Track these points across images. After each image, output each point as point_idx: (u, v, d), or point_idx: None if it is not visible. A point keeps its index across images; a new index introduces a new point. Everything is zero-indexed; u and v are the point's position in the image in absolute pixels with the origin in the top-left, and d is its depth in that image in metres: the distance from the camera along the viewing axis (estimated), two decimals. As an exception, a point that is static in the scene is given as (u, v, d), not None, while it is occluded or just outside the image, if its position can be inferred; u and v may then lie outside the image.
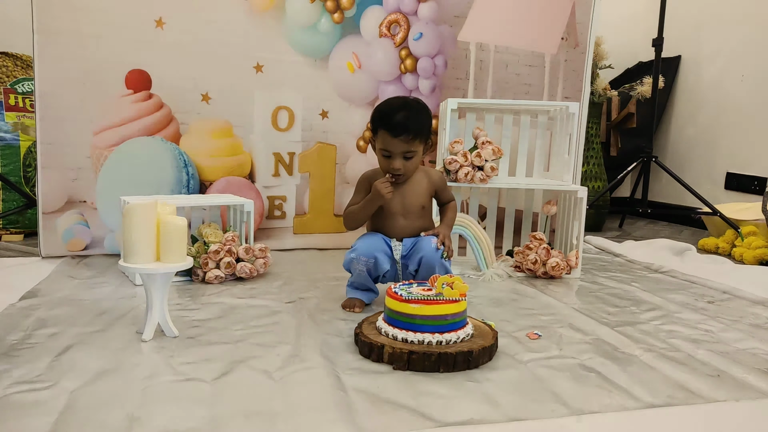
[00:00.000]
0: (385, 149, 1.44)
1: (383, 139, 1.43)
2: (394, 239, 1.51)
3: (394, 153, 1.43)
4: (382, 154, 1.46)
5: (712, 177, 3.23)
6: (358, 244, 1.48)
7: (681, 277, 2.00)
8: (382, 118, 1.44)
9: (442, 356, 1.12)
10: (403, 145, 1.42)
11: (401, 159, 1.44)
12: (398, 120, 1.41)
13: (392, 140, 1.42)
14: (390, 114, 1.42)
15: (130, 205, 1.19)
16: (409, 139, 1.42)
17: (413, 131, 1.42)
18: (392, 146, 1.42)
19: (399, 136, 1.41)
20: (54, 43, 1.84)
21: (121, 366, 1.09)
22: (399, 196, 1.49)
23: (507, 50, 2.39)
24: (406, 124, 1.41)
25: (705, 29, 3.31)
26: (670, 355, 1.25)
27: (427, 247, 1.45)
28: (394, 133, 1.41)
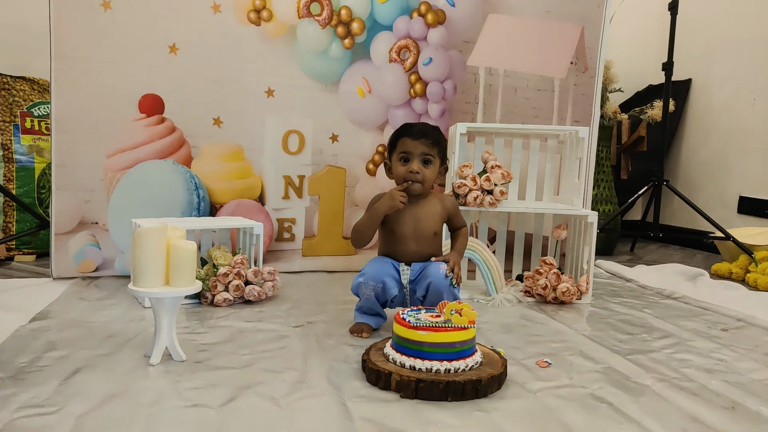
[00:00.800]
0: (404, 152, 1.47)
1: (403, 144, 1.48)
2: (403, 264, 1.50)
3: (413, 155, 1.46)
4: (400, 159, 1.48)
5: (724, 201, 3.21)
6: (366, 268, 1.48)
7: (694, 303, 1.97)
8: (403, 128, 1.51)
9: (450, 385, 1.10)
10: (423, 147, 1.46)
11: (420, 162, 1.47)
12: (418, 127, 1.49)
13: (412, 142, 1.46)
14: (410, 125, 1.51)
15: (141, 230, 1.20)
16: (429, 143, 1.47)
17: (432, 138, 1.48)
18: (412, 147, 1.46)
19: (419, 139, 1.46)
20: (70, 68, 1.88)
21: (128, 390, 1.09)
22: (412, 219, 1.49)
23: (516, 75, 2.41)
24: (426, 130, 1.48)
25: (715, 53, 3.32)
26: (683, 385, 1.23)
27: (435, 272, 1.45)
28: (414, 136, 1.46)
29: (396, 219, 1.49)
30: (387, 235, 1.52)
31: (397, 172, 1.50)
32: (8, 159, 2.33)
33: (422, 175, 1.47)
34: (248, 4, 2.07)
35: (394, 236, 1.50)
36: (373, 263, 1.49)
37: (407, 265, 1.50)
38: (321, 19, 2.14)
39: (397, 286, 1.48)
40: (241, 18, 2.07)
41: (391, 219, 1.49)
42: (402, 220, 1.49)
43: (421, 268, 1.49)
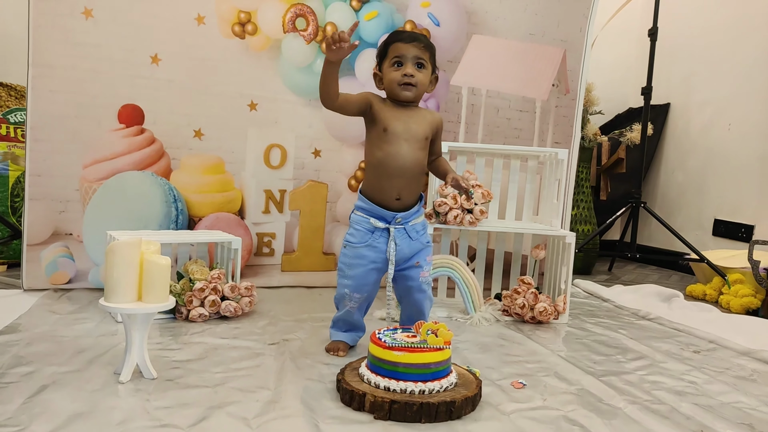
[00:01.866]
0: (397, 56, 1.42)
1: (395, 48, 1.43)
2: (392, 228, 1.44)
3: (407, 58, 1.42)
4: (393, 64, 1.43)
5: (700, 223, 3.26)
6: (350, 272, 1.44)
7: (668, 324, 1.99)
8: (393, 34, 1.47)
9: (424, 406, 1.10)
10: (416, 51, 1.42)
11: (413, 66, 1.42)
12: (409, 32, 1.46)
13: (405, 46, 1.42)
14: (400, 31, 1.48)
15: (114, 243, 1.18)
16: (422, 46, 1.43)
17: (424, 41, 1.45)
18: (405, 50, 1.42)
19: (411, 42, 1.43)
20: (49, 76, 1.86)
21: (95, 409, 1.06)
22: (403, 121, 1.44)
23: (498, 95, 2.43)
24: (418, 35, 1.46)
25: (693, 78, 3.39)
26: (654, 407, 1.24)
27: (415, 276, 1.47)
28: (406, 40, 1.43)
29: (389, 116, 1.43)
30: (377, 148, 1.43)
31: (390, 77, 1.43)
32: (-18, 166, 2.29)
33: (416, 78, 1.43)
34: (233, 17, 2.07)
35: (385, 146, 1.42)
36: (358, 266, 1.44)
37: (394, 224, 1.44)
38: (306, 35, 2.14)
39: (379, 278, 1.47)
40: (226, 31, 2.07)
41: (383, 116, 1.43)
42: (395, 117, 1.43)
43: (404, 265, 1.46)
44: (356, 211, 1.48)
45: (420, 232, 1.48)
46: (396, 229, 1.44)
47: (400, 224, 1.45)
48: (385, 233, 1.44)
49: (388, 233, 1.44)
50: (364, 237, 1.44)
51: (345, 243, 1.47)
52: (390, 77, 1.43)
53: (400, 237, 1.44)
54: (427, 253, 1.50)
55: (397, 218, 1.44)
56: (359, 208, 1.47)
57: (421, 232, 1.49)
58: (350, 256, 1.45)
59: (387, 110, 1.44)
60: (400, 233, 1.44)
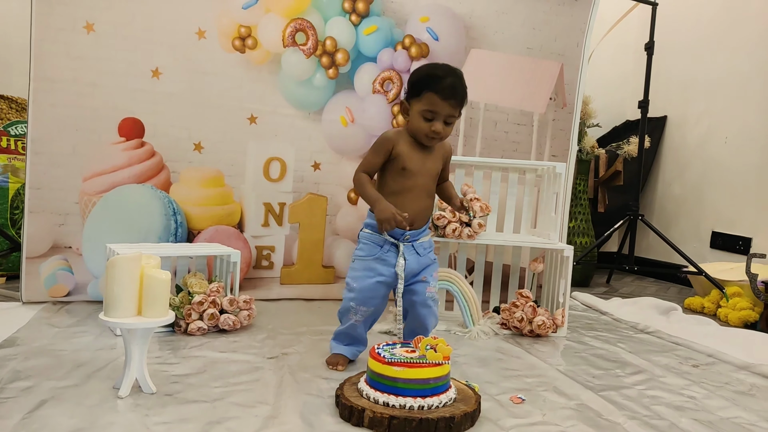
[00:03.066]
0: (430, 110, 1.41)
1: (430, 100, 1.40)
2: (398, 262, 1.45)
3: (439, 115, 1.41)
4: (423, 116, 1.42)
5: (698, 235, 3.27)
6: (356, 285, 1.45)
7: (667, 338, 2.00)
8: (433, 79, 1.41)
9: (423, 422, 1.10)
10: (449, 109, 1.41)
11: (443, 123, 1.43)
12: (449, 83, 1.40)
13: (441, 102, 1.40)
14: (442, 77, 1.41)
15: (114, 258, 1.18)
16: (456, 104, 1.42)
17: (460, 97, 1.43)
18: (439, 108, 1.40)
19: (448, 100, 1.40)
20: (50, 90, 1.87)
21: (94, 425, 1.06)
22: (421, 159, 1.47)
23: (496, 108, 2.45)
24: (456, 89, 1.41)
25: (690, 91, 3.41)
26: (653, 423, 1.24)
27: (421, 290, 1.48)
28: (444, 95, 1.40)
29: (408, 155, 1.46)
30: (393, 181, 1.46)
31: (417, 125, 1.44)
32: (-18, 178, 2.30)
33: (443, 133, 1.44)
34: (233, 32, 2.09)
35: (402, 180, 1.46)
36: (364, 279, 1.45)
37: (403, 242, 1.46)
38: (306, 49, 2.16)
39: (387, 292, 1.48)
40: (226, 45, 2.09)
41: (403, 155, 1.45)
42: (413, 156, 1.46)
43: (411, 279, 1.47)
44: (365, 229, 1.50)
45: (427, 249, 1.52)
46: (405, 246, 1.47)
47: (409, 241, 1.47)
48: (394, 248, 1.47)
49: (397, 249, 1.46)
50: (374, 250, 1.47)
51: (354, 258, 1.49)
52: (418, 126, 1.45)
53: (408, 253, 1.47)
54: (434, 269, 1.53)
55: (406, 235, 1.46)
56: (369, 226, 1.49)
57: (428, 249, 1.52)
58: (358, 269, 1.47)
59: (406, 149, 1.47)
60: (408, 249, 1.47)
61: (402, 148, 1.47)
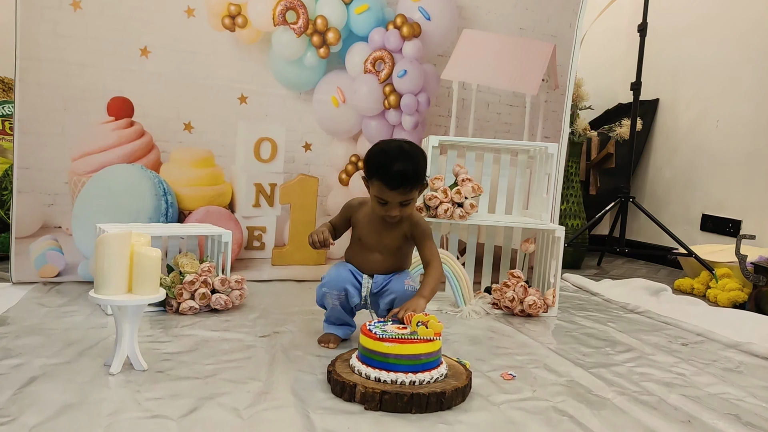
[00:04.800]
0: (380, 198, 1.38)
1: (379, 189, 1.36)
2: (366, 276, 1.49)
3: (391, 203, 1.38)
4: (377, 201, 1.39)
5: (688, 218, 3.29)
6: (326, 276, 1.48)
7: (656, 318, 2.01)
8: (379, 169, 1.35)
9: (415, 397, 1.10)
10: (400, 197, 1.36)
11: (398, 207, 1.38)
12: (396, 171, 1.33)
13: (389, 192, 1.35)
14: (387, 165, 1.34)
15: (104, 236, 1.17)
16: (406, 191, 1.36)
17: (411, 182, 1.36)
18: (389, 197, 1.36)
19: (397, 189, 1.35)
20: (36, 69, 1.84)
21: (85, 401, 1.06)
22: (376, 233, 1.47)
23: (489, 90, 2.44)
24: (405, 175, 1.34)
25: (682, 75, 3.42)
26: (642, 399, 1.25)
27: (398, 288, 1.44)
28: (392, 185, 1.34)
29: (364, 229, 1.48)
30: (354, 242, 1.52)
31: (375, 208, 1.42)
32: (-31, 159, 2.27)
33: (401, 215, 1.41)
34: (223, 10, 2.06)
35: (360, 243, 1.50)
36: (333, 270, 1.50)
37: (370, 277, 1.49)
38: (296, 28, 2.14)
39: (359, 295, 1.48)
40: (216, 23, 2.06)
41: (359, 227, 1.49)
42: (369, 230, 1.48)
43: (384, 282, 1.47)
44: None
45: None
46: None
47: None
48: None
49: None
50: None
51: None
52: (375, 208, 1.42)
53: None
54: (407, 272, 1.52)
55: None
56: None
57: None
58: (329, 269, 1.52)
59: (364, 220, 1.49)
60: None
61: (360, 218, 1.49)
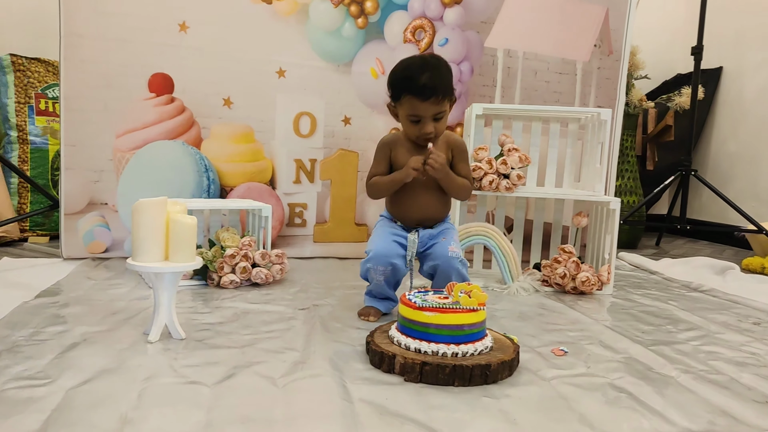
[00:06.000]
0: (413, 114, 1.35)
1: (411, 104, 1.34)
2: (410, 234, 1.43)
3: (425, 117, 1.35)
4: (409, 120, 1.37)
5: (756, 193, 3.07)
6: (372, 247, 1.42)
7: (723, 296, 1.87)
8: (407, 82, 1.34)
9: (457, 369, 1.04)
10: (434, 108, 1.34)
11: (432, 122, 1.36)
12: (425, 82, 1.31)
13: (421, 104, 1.33)
14: (415, 77, 1.32)
15: (139, 202, 1.16)
16: (439, 100, 1.34)
17: (441, 91, 1.33)
18: (422, 110, 1.34)
19: (428, 99, 1.33)
20: (79, 46, 1.85)
21: (122, 366, 1.05)
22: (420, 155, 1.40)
23: (536, 57, 2.32)
24: (434, 85, 1.32)
25: (747, 40, 3.18)
26: (710, 377, 1.15)
27: (442, 253, 1.40)
28: (423, 96, 1.32)
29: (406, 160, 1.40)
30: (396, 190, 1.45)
31: (408, 130, 1.39)
32: (23, 140, 2.33)
33: (436, 131, 1.38)
34: (261, -17, 2.03)
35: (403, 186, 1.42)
36: (378, 241, 1.43)
37: (415, 232, 1.44)
38: (335, -1, 2.08)
39: (404, 264, 1.43)
40: (253, -4, 2.03)
41: (400, 161, 1.42)
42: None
43: (429, 242, 1.43)
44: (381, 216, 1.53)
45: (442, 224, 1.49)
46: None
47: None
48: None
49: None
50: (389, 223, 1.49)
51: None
52: (408, 130, 1.39)
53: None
54: (453, 233, 1.47)
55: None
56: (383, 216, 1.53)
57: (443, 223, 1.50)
58: (374, 235, 1.46)
59: (402, 152, 1.43)
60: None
61: (399, 153, 1.42)
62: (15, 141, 2.32)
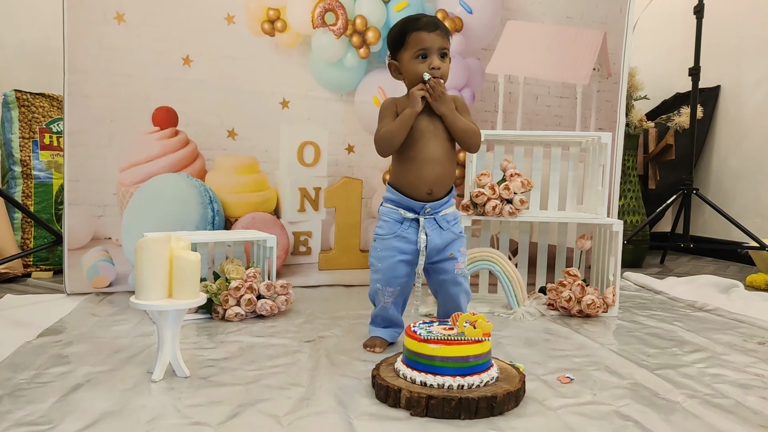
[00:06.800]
0: (421, 48, 1.37)
1: (417, 39, 1.37)
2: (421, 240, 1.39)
3: (432, 49, 1.37)
4: (417, 55, 1.37)
5: (759, 210, 3.07)
6: (380, 267, 1.40)
7: (728, 315, 1.86)
8: (410, 22, 1.39)
9: (463, 401, 1.04)
10: (440, 40, 1.38)
11: (438, 57, 1.38)
12: (428, 19, 1.39)
13: (428, 35, 1.37)
14: (418, 18, 1.40)
15: (143, 240, 1.17)
16: (442, 33, 1.39)
17: (444, 28, 1.40)
18: (430, 41, 1.37)
19: (434, 31, 1.37)
20: (84, 81, 1.88)
21: (126, 407, 1.05)
22: (426, 117, 1.39)
23: (537, 82, 2.34)
24: (437, 21, 1.40)
25: (744, 58, 3.20)
26: (716, 402, 1.14)
27: (450, 269, 1.41)
28: (428, 28, 1.37)
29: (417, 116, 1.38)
30: (405, 147, 1.39)
31: (416, 69, 1.38)
32: (27, 175, 2.35)
33: (443, 69, 1.39)
34: (262, 15, 2.06)
35: (410, 150, 1.39)
36: (384, 259, 1.40)
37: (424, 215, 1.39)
38: (336, 29, 2.11)
39: (411, 270, 1.42)
40: (255, 29, 2.06)
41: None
42: (419, 115, 1.39)
43: (435, 257, 1.41)
44: (385, 203, 1.45)
45: (451, 222, 1.43)
46: (426, 220, 1.40)
47: (430, 214, 1.40)
48: (415, 224, 1.40)
49: (418, 224, 1.40)
50: (393, 227, 1.41)
51: (374, 236, 1.44)
52: (416, 69, 1.38)
53: (430, 227, 1.40)
54: (461, 244, 1.45)
55: (426, 208, 1.40)
56: (388, 200, 1.44)
57: (452, 222, 1.43)
58: (380, 248, 1.42)
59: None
60: (430, 223, 1.40)
61: (405, 108, 1.39)
62: (19, 176, 2.34)
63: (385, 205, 1.44)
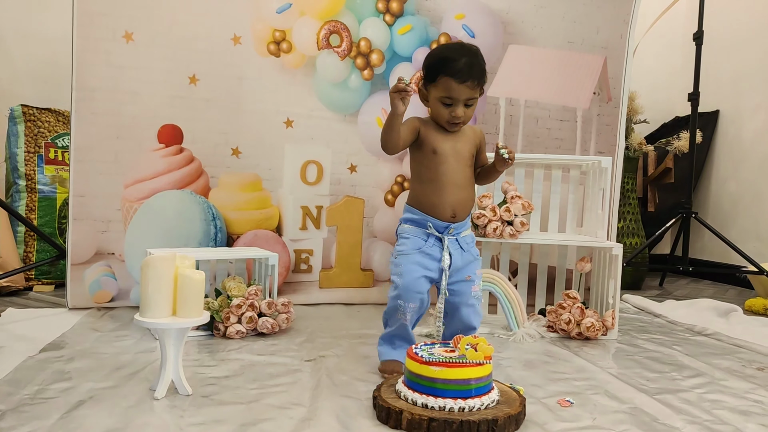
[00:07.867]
0: (448, 96, 1.37)
1: (446, 86, 1.36)
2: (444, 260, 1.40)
3: (458, 100, 1.37)
4: (442, 102, 1.38)
5: (757, 234, 3.09)
6: (400, 281, 1.39)
7: (727, 340, 1.87)
8: (446, 63, 1.36)
9: (464, 424, 1.04)
10: (468, 92, 1.37)
11: (463, 107, 1.38)
12: (463, 65, 1.35)
13: (458, 87, 1.35)
14: (454, 59, 1.35)
15: (148, 258, 1.18)
16: (474, 85, 1.37)
17: (477, 77, 1.37)
18: (457, 93, 1.36)
19: (465, 82, 1.35)
20: (91, 99, 1.91)
21: (128, 425, 1.05)
22: (451, 141, 1.43)
23: (537, 105, 2.38)
24: (472, 69, 1.36)
25: (743, 83, 3.24)
26: (716, 428, 1.15)
27: (466, 291, 1.43)
28: (460, 79, 1.34)
29: (438, 138, 1.42)
30: (424, 173, 1.42)
31: (438, 111, 1.40)
32: (31, 189, 2.37)
33: (465, 117, 1.40)
34: (268, 36, 2.09)
35: (431, 172, 1.41)
36: (406, 270, 1.39)
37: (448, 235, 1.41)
38: (340, 51, 2.15)
39: (430, 287, 1.42)
40: (261, 49, 2.09)
41: (431, 137, 1.42)
42: (444, 138, 1.42)
43: (453, 275, 1.41)
44: (405, 224, 1.46)
45: (470, 244, 1.47)
46: (449, 240, 1.42)
47: (452, 235, 1.43)
48: (438, 243, 1.42)
49: (441, 243, 1.42)
50: (417, 243, 1.42)
51: (396, 254, 1.44)
52: (438, 112, 1.41)
53: (453, 247, 1.43)
54: (477, 266, 1.47)
55: (450, 229, 1.42)
56: (408, 221, 1.46)
57: (471, 244, 1.47)
58: (402, 264, 1.41)
59: (433, 132, 1.43)
60: (452, 244, 1.43)
61: (428, 130, 1.43)
62: (23, 190, 2.36)
63: (406, 225, 1.46)
